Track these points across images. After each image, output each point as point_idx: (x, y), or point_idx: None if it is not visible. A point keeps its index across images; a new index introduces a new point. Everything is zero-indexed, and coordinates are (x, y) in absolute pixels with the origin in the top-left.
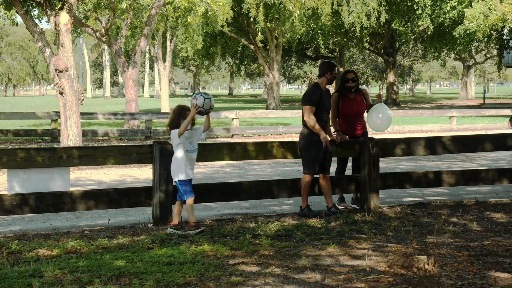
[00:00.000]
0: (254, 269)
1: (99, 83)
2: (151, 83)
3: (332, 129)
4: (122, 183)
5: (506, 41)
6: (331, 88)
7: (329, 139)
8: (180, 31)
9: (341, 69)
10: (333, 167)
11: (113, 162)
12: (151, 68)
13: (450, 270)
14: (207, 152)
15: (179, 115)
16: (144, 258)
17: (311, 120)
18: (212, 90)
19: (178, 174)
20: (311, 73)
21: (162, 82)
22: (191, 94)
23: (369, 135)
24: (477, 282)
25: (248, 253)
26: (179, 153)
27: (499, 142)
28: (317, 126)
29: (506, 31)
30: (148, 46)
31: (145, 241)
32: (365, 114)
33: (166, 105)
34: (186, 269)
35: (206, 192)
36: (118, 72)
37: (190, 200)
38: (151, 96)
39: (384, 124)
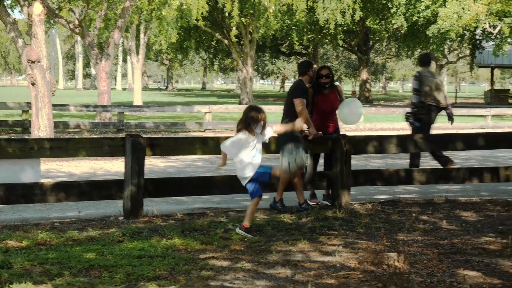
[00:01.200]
0: (225, 263)
1: (72, 75)
2: (124, 75)
3: (304, 125)
4: (93, 175)
5: (478, 41)
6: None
7: (318, 133)
8: (154, 24)
9: (315, 66)
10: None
11: (85, 154)
12: (124, 60)
13: (420, 267)
14: (179, 146)
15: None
16: (114, 251)
17: (305, 113)
18: (185, 84)
19: None
20: (284, 68)
21: (135, 75)
22: (164, 87)
23: (341, 132)
24: (446, 280)
25: (219, 247)
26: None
27: (470, 141)
28: (309, 118)
29: (479, 31)
30: (121, 39)
31: (115, 234)
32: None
33: (139, 98)
34: (157, 263)
35: (178, 186)
36: (91, 64)
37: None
38: (124, 89)
39: (354, 118)
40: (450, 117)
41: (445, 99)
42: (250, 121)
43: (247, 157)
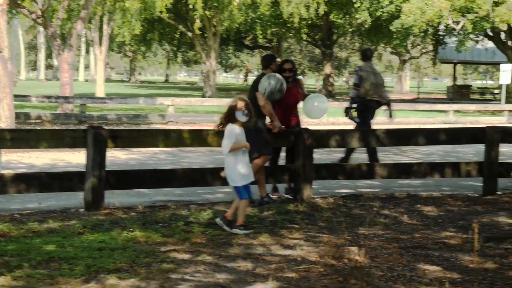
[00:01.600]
0: (186, 256)
1: (34, 66)
2: (87, 67)
3: (267, 119)
4: (55, 167)
5: (441, 37)
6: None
7: (282, 126)
8: (117, 15)
9: (278, 60)
10: None
11: (46, 145)
12: (87, 52)
13: (380, 261)
14: (141, 138)
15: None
16: (74, 243)
17: (268, 106)
18: (148, 76)
19: None
20: (248, 62)
21: (98, 66)
22: (127, 79)
23: (302, 126)
24: (406, 274)
25: (180, 240)
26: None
27: (432, 136)
28: (272, 112)
29: (442, 27)
30: (84, 30)
31: (76, 226)
32: (300, 105)
33: (101, 90)
34: (117, 255)
35: (139, 178)
36: (53, 55)
37: None
38: (86, 80)
39: (319, 113)
40: (391, 113)
41: (386, 94)
42: (229, 110)
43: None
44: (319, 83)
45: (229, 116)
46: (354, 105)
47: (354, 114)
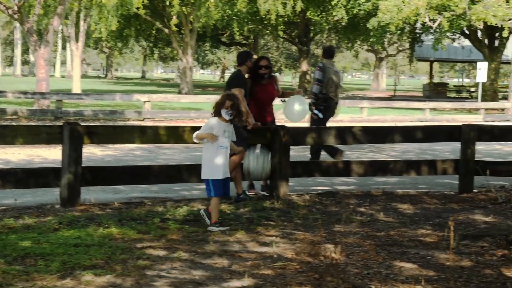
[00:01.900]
0: (162, 253)
1: (10, 61)
2: (63, 63)
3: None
4: (30, 163)
5: (418, 35)
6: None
7: (256, 123)
8: (94, 11)
9: (255, 56)
10: None
11: (22, 141)
12: (64, 48)
13: (356, 259)
14: (117, 134)
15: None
16: (50, 239)
17: (243, 103)
18: (124, 72)
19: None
20: (224, 58)
21: (74, 62)
22: (103, 75)
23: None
24: (382, 272)
25: (156, 237)
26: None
27: (408, 134)
28: (247, 109)
29: (418, 24)
30: (61, 26)
31: (52, 222)
32: (276, 102)
33: (78, 86)
34: (93, 252)
35: (116, 174)
36: (30, 50)
37: None
38: (63, 76)
39: (298, 116)
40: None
41: (339, 94)
42: (216, 106)
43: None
44: (295, 80)
45: (216, 111)
46: (316, 101)
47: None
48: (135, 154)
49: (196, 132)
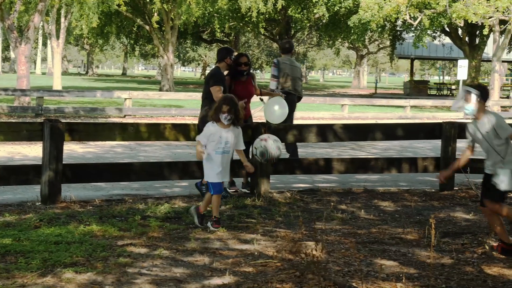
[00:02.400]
0: (143, 250)
1: None
2: (44, 60)
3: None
4: (11, 160)
5: (399, 32)
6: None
7: None
8: (75, 8)
9: (235, 53)
10: None
11: (2, 138)
12: (44, 44)
13: (337, 256)
14: (98, 131)
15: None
16: (31, 236)
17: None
18: (105, 69)
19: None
20: (205, 56)
21: (55, 59)
22: (84, 72)
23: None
24: (363, 269)
25: (137, 234)
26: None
27: (389, 131)
28: None
29: (399, 22)
30: (41, 22)
31: (32, 220)
32: (254, 99)
33: (58, 83)
34: (74, 249)
35: (96, 172)
36: (10, 47)
37: None
38: (43, 73)
39: (278, 118)
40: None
41: (300, 89)
42: (215, 110)
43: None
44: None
45: (214, 116)
46: None
47: None
48: (116, 151)
49: (197, 140)
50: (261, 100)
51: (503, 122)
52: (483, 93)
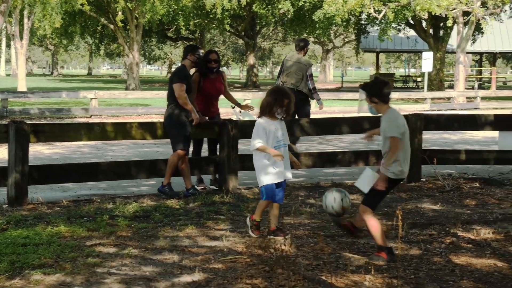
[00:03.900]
0: (112, 250)
1: None
2: (8, 61)
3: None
4: None
5: (364, 26)
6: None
7: (199, 118)
8: (38, 8)
9: (202, 51)
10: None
11: None
12: (8, 46)
13: (306, 250)
14: (64, 132)
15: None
16: None
17: (184, 98)
18: (70, 69)
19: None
20: (171, 53)
21: (19, 60)
22: (49, 73)
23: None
24: (332, 262)
25: (105, 234)
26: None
27: (356, 125)
28: (189, 104)
29: (364, 16)
30: (4, 24)
31: None
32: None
33: (23, 84)
34: (42, 250)
35: (63, 172)
36: None
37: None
38: (8, 75)
39: None
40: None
41: (300, 83)
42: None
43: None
44: (243, 73)
45: (266, 110)
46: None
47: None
48: (83, 151)
49: (257, 144)
50: (232, 107)
51: (392, 124)
52: (372, 90)
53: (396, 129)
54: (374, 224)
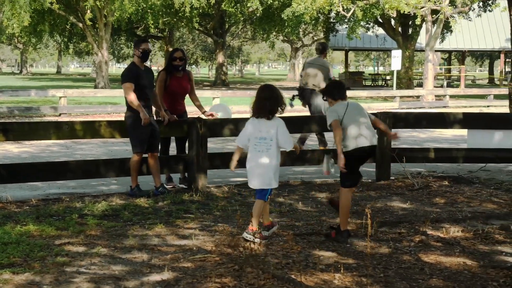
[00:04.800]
0: (81, 249)
1: None
2: None
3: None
4: None
5: (332, 24)
6: (158, 68)
7: (149, 118)
8: (6, 7)
9: (170, 49)
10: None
11: None
12: None
13: (276, 249)
14: (32, 131)
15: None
16: None
17: (132, 98)
18: (40, 68)
19: None
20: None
21: None
22: (18, 72)
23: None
24: (301, 261)
25: (74, 233)
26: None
27: (325, 123)
28: (136, 103)
29: (333, 14)
30: None
31: None
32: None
33: None
34: (11, 250)
35: (32, 171)
36: None
37: None
38: None
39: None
40: None
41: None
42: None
43: None
44: (212, 72)
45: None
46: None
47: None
48: (52, 150)
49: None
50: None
51: (328, 114)
52: (327, 93)
53: (330, 117)
54: (342, 201)
